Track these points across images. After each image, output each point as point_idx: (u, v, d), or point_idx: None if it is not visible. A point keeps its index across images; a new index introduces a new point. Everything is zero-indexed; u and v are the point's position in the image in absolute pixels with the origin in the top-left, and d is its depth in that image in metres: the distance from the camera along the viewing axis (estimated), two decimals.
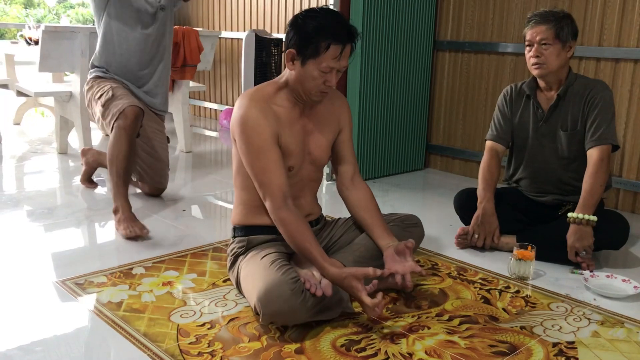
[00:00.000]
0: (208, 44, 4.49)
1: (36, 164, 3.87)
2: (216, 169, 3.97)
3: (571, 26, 2.32)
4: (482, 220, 2.43)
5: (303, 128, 1.91)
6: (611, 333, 1.81)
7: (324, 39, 1.72)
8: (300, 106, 1.89)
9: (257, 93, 1.86)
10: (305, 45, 1.74)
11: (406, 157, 3.84)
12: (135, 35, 2.88)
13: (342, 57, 1.76)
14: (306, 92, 1.82)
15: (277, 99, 1.86)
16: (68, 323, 1.79)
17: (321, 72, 1.76)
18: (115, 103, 2.67)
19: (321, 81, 1.78)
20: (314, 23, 1.73)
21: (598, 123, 2.32)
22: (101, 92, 2.76)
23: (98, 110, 2.77)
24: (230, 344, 1.67)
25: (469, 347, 1.69)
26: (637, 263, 2.42)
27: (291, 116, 1.87)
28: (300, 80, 1.81)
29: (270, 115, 1.82)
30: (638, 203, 3.10)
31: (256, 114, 1.80)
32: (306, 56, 1.75)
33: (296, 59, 1.78)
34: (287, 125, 1.86)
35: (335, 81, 1.80)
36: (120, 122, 2.59)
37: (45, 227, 2.64)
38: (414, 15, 3.61)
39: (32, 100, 4.90)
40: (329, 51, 1.73)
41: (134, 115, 2.61)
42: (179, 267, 2.21)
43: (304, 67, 1.77)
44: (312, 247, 1.75)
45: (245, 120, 1.80)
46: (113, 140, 2.60)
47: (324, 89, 1.81)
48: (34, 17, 8.66)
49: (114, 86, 2.79)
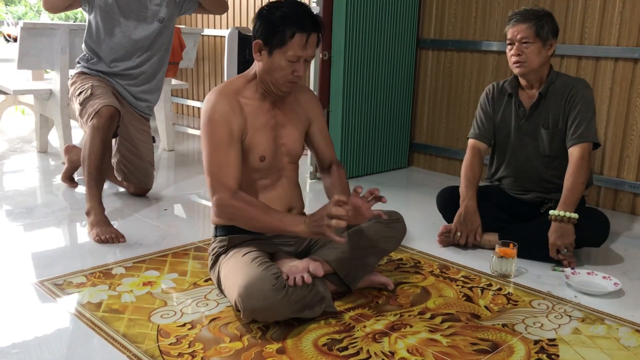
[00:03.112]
0: (190, 42, 4.45)
1: (16, 162, 3.81)
2: (199, 167, 3.94)
3: (551, 24, 2.33)
4: (464, 218, 2.43)
5: (274, 120, 1.91)
6: (592, 330, 1.82)
7: (289, 28, 1.73)
8: (270, 99, 1.90)
9: (226, 88, 1.87)
10: (271, 35, 1.76)
11: (389, 155, 3.84)
12: (124, 37, 2.83)
13: (308, 46, 1.77)
14: (274, 82, 1.82)
15: (246, 91, 1.87)
16: (46, 324, 1.76)
17: (288, 62, 1.77)
18: (92, 102, 2.62)
19: (289, 71, 1.79)
20: (279, 13, 1.75)
21: (579, 121, 2.34)
22: (81, 89, 2.72)
23: (77, 108, 2.73)
24: (211, 344, 1.66)
25: (451, 345, 1.69)
26: (617, 260, 2.44)
27: (261, 109, 1.88)
28: (268, 71, 1.81)
29: (237, 109, 1.82)
30: (618, 200, 3.13)
31: (222, 109, 1.81)
32: (273, 46, 1.76)
33: (263, 49, 1.79)
34: (255, 118, 1.86)
35: (304, 71, 1.81)
36: (95, 122, 2.54)
37: (25, 226, 2.60)
38: (397, 14, 3.61)
39: (12, 98, 4.83)
40: (294, 39, 1.74)
41: (108, 115, 2.55)
42: (159, 266, 2.19)
43: (271, 57, 1.78)
44: (273, 215, 1.75)
45: (212, 114, 1.81)
46: (87, 139, 2.56)
47: (292, 79, 1.82)
48: (14, 15, 8.54)
49: (95, 84, 2.73)
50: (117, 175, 2.98)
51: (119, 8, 2.78)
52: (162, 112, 4.22)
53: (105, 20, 2.79)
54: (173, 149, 4.30)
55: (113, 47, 2.83)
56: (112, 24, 2.80)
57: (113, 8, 2.78)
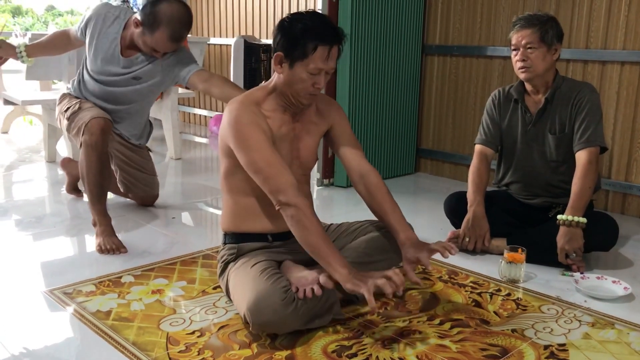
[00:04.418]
0: (197, 50, 4.48)
1: (24, 172, 3.84)
2: (206, 175, 3.96)
3: (556, 29, 2.33)
4: (472, 223, 2.43)
5: (293, 132, 1.90)
6: (602, 334, 1.81)
7: (311, 41, 1.72)
8: (290, 111, 1.89)
9: (246, 98, 1.85)
10: (292, 48, 1.74)
11: (396, 161, 3.85)
12: (103, 85, 2.67)
13: (329, 58, 1.76)
14: (295, 95, 1.81)
15: (267, 104, 1.85)
16: (56, 333, 1.77)
17: (309, 74, 1.76)
18: (80, 115, 2.55)
19: (310, 83, 1.78)
20: (301, 25, 1.73)
21: (586, 125, 2.33)
22: (69, 105, 2.65)
23: (65, 124, 2.64)
24: (220, 351, 1.66)
25: (461, 351, 1.69)
26: (627, 264, 2.43)
27: (281, 121, 1.86)
28: (289, 83, 1.80)
29: (261, 118, 1.81)
30: (627, 204, 3.11)
31: (249, 115, 1.79)
32: (294, 58, 1.75)
33: (284, 62, 1.78)
34: (277, 130, 1.85)
35: (324, 83, 1.80)
36: (87, 138, 2.46)
37: (34, 236, 2.61)
38: (402, 20, 3.62)
39: (20, 109, 4.87)
40: (316, 52, 1.73)
41: (99, 129, 2.46)
42: (168, 274, 2.19)
43: (292, 70, 1.77)
44: (326, 240, 1.71)
45: (239, 120, 1.77)
46: (82, 157, 2.49)
47: (313, 91, 1.80)
48: (21, 26, 8.62)
49: (84, 101, 2.66)
50: (120, 186, 2.95)
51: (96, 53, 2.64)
52: (169, 120, 4.24)
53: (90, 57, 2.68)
54: (180, 157, 4.31)
55: (92, 86, 2.68)
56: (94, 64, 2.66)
57: (97, 50, 2.63)
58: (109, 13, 2.61)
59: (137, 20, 2.49)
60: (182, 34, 2.50)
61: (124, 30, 2.59)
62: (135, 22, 2.50)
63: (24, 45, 2.77)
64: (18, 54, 2.78)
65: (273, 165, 1.74)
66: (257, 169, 1.75)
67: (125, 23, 2.60)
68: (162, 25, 2.44)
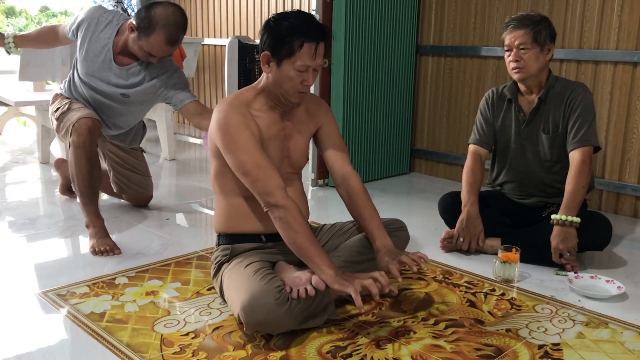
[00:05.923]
0: (191, 51, 4.47)
1: (18, 174, 3.82)
2: (200, 176, 3.95)
3: (549, 29, 2.34)
4: (466, 223, 2.43)
5: (283, 132, 1.91)
6: (596, 334, 1.81)
7: (297, 38, 1.73)
8: (279, 110, 1.89)
9: (235, 99, 1.86)
10: (279, 46, 1.75)
11: (391, 161, 3.85)
12: (97, 94, 2.64)
13: (317, 55, 1.77)
14: (284, 93, 1.82)
15: (256, 104, 1.86)
16: (50, 335, 1.76)
17: (297, 72, 1.77)
18: (69, 116, 2.53)
19: (298, 81, 1.79)
20: (287, 23, 1.75)
21: (579, 125, 2.34)
22: (59, 105, 2.63)
23: (54, 126, 2.63)
24: (214, 353, 1.65)
25: (455, 351, 1.69)
26: (620, 263, 2.44)
27: (270, 121, 1.87)
28: (277, 82, 1.81)
29: (250, 119, 1.82)
30: (620, 204, 3.13)
31: (237, 116, 1.80)
32: (281, 57, 1.76)
33: (271, 61, 1.79)
34: (267, 130, 1.86)
35: (313, 81, 1.81)
36: (75, 139, 2.43)
37: (27, 237, 2.60)
38: (396, 21, 3.62)
39: (13, 110, 4.85)
40: (303, 49, 1.74)
41: (87, 129, 2.42)
42: (162, 276, 2.19)
43: (279, 68, 1.78)
44: (314, 242, 1.74)
45: (227, 121, 1.79)
46: (71, 158, 2.47)
47: (302, 89, 1.81)
48: (15, 26, 8.59)
49: (74, 101, 2.64)
50: (114, 187, 2.95)
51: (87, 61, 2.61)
52: (163, 121, 4.23)
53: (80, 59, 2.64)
54: (175, 158, 4.31)
55: (81, 89, 2.66)
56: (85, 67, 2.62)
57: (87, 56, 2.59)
58: (102, 17, 2.60)
59: (132, 25, 2.48)
60: (178, 37, 2.50)
61: (116, 36, 2.58)
62: (131, 27, 2.48)
63: (13, 35, 2.78)
64: (6, 44, 2.77)
65: (261, 167, 1.75)
66: (245, 170, 1.77)
67: (118, 28, 2.58)
68: (158, 28, 2.43)
